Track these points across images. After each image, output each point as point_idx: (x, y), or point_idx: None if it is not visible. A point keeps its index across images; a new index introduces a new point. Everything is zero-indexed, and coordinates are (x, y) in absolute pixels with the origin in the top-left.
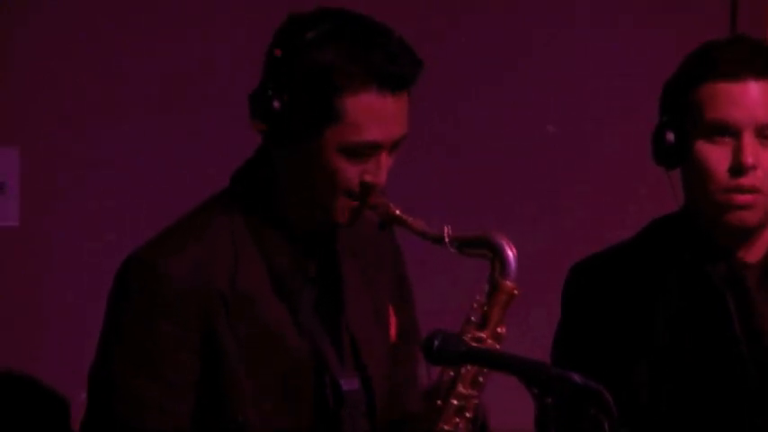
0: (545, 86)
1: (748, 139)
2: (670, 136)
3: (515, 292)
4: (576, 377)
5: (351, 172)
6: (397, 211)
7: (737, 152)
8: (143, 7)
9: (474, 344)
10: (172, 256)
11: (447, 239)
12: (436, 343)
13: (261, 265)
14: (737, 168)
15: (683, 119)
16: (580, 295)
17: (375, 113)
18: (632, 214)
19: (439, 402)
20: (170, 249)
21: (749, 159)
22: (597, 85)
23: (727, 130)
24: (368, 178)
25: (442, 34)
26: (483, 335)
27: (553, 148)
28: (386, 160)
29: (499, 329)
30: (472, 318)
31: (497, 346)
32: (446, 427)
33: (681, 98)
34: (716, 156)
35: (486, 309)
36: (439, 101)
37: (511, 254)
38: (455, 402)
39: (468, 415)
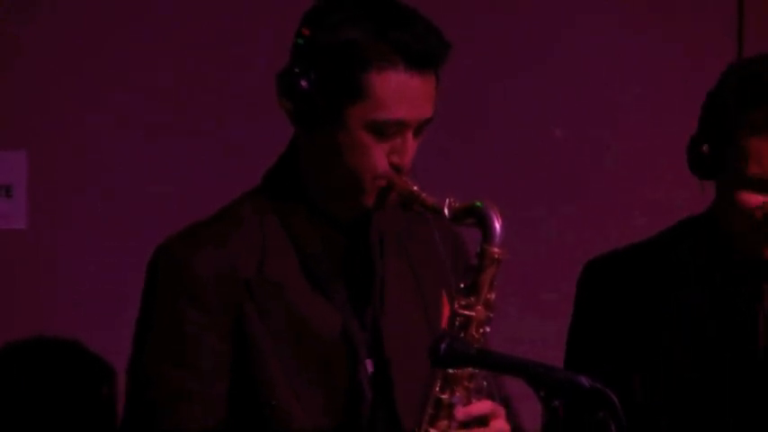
0: (552, 90)
1: None
2: (708, 151)
3: (499, 257)
4: (584, 380)
5: (377, 151)
6: (415, 188)
7: None
8: (149, 11)
9: (465, 311)
10: (197, 246)
11: (446, 211)
12: (443, 346)
13: (291, 252)
14: None
15: (726, 140)
16: (596, 291)
17: (402, 91)
18: (638, 219)
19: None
20: (196, 240)
21: None
22: (604, 88)
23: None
24: (394, 159)
25: (454, 33)
26: (473, 301)
27: (560, 149)
28: (411, 141)
29: (489, 296)
30: (462, 285)
31: (490, 314)
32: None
33: (725, 127)
34: (752, 201)
35: (474, 275)
36: (446, 99)
37: (497, 220)
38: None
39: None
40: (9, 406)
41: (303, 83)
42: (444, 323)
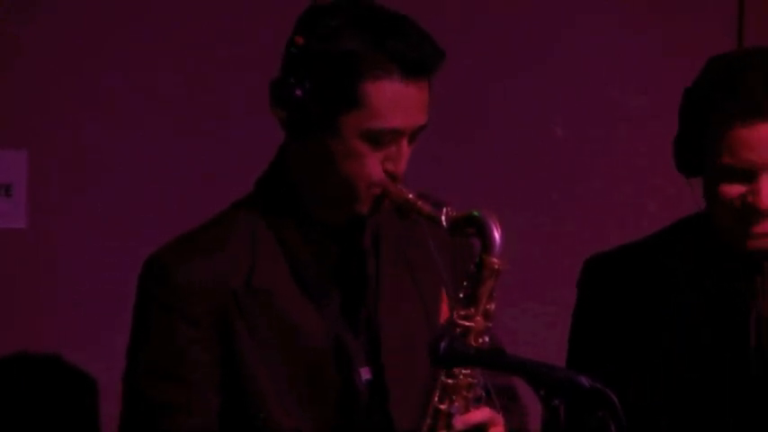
0: (552, 90)
1: (765, 181)
2: (689, 146)
3: (498, 267)
4: (584, 380)
5: (372, 159)
6: (410, 196)
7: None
8: (149, 11)
9: (464, 322)
10: (184, 259)
11: (444, 220)
12: (443, 345)
13: (281, 260)
14: (754, 211)
15: (703, 133)
16: (595, 288)
17: (397, 100)
18: (638, 218)
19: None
20: (184, 252)
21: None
22: (604, 88)
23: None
24: (389, 166)
25: (454, 33)
26: (472, 312)
27: (560, 149)
28: (406, 149)
29: (488, 306)
30: (461, 295)
31: (489, 324)
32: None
33: (700, 120)
34: (730, 192)
35: (473, 286)
36: (446, 99)
37: (496, 231)
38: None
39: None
40: None
41: (297, 92)
42: (443, 320)
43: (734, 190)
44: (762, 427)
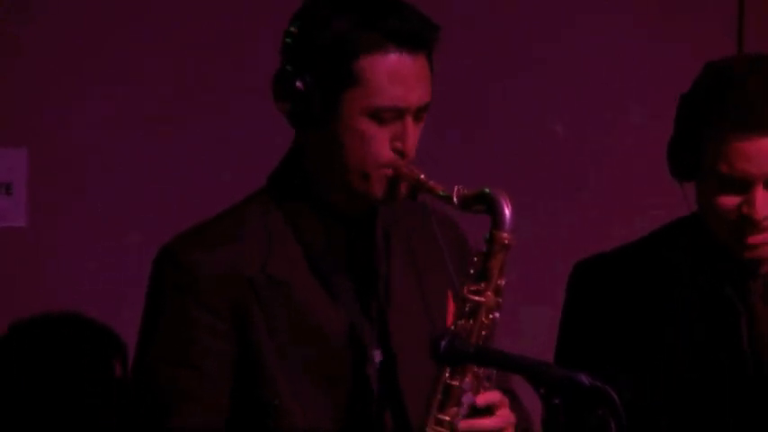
0: (552, 90)
1: (760, 192)
2: (684, 152)
3: (508, 242)
4: (584, 378)
5: (379, 138)
6: (422, 176)
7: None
8: (149, 11)
9: (474, 297)
10: (201, 247)
11: (455, 198)
12: (443, 343)
13: (296, 248)
14: (749, 222)
15: (699, 140)
16: (585, 293)
17: (394, 74)
18: (638, 219)
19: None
20: (200, 240)
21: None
22: (604, 88)
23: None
24: (397, 145)
25: (454, 33)
26: (483, 286)
27: (560, 149)
28: (412, 126)
29: (499, 282)
30: (471, 271)
31: (499, 300)
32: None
33: (697, 128)
34: (726, 203)
35: (483, 261)
36: (446, 99)
37: (506, 206)
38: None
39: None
40: (19, 391)
41: (297, 81)
42: (450, 322)
43: (729, 201)
44: (760, 427)
